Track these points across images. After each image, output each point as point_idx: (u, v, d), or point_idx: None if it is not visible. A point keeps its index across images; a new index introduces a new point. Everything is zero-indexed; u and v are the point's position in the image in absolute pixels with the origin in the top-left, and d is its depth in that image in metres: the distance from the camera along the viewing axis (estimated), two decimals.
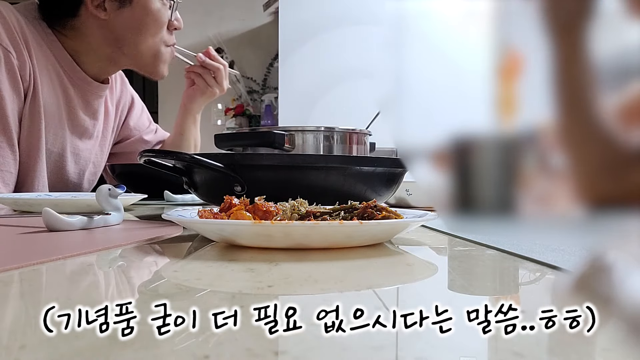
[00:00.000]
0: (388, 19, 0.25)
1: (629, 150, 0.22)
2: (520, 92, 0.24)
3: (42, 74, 0.95)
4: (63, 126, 1.01)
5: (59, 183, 1.04)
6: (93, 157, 1.12)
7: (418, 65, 0.26)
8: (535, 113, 0.24)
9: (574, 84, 0.23)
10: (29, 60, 0.92)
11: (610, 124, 0.22)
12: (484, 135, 0.24)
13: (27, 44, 0.92)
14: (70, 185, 1.07)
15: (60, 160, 1.03)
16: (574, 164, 0.23)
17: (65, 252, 0.36)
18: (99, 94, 1.07)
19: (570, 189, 0.23)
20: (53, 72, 0.98)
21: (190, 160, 0.60)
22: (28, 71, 0.92)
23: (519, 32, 0.24)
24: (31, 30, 0.94)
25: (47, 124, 0.97)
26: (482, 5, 0.25)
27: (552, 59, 0.23)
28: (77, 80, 1.02)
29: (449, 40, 0.26)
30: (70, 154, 1.05)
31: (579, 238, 0.34)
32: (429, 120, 0.26)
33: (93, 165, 1.13)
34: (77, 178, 1.09)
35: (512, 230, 0.25)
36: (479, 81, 0.24)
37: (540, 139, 0.23)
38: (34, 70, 0.93)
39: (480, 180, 0.25)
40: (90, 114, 1.07)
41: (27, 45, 0.92)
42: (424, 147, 0.25)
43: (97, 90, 1.06)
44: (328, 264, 0.35)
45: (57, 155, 1.02)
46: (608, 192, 0.23)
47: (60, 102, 0.99)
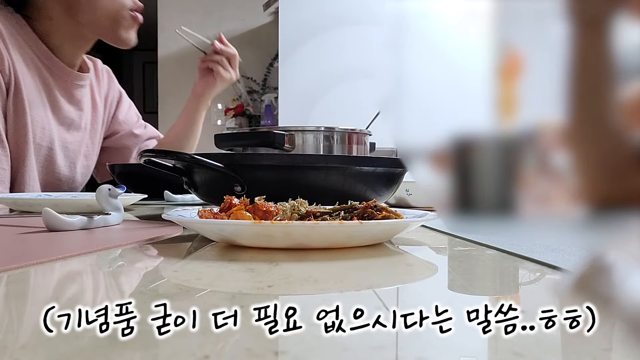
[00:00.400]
0: (388, 19, 0.25)
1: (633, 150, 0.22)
2: (521, 92, 0.23)
3: (21, 67, 0.95)
4: (49, 119, 1.01)
5: (51, 178, 1.04)
6: (84, 150, 1.11)
7: (418, 65, 0.26)
8: (535, 113, 0.24)
9: (590, 81, 0.22)
10: (7, 53, 0.92)
11: (618, 123, 0.22)
12: (484, 135, 0.24)
13: (2, 37, 0.92)
14: (62, 179, 1.07)
15: (50, 154, 1.03)
16: (578, 163, 0.23)
17: (65, 252, 0.36)
18: (78, 83, 1.07)
19: (572, 189, 0.23)
20: (32, 65, 0.98)
21: (190, 160, 0.60)
22: (7, 65, 0.92)
23: (519, 32, 0.24)
24: (5, 24, 0.94)
25: (33, 118, 0.97)
26: (482, 5, 0.25)
27: (572, 54, 0.22)
28: (56, 70, 1.02)
29: (449, 40, 0.26)
30: (59, 147, 1.04)
31: (579, 238, 0.34)
32: (429, 120, 0.26)
33: (85, 158, 1.12)
34: (69, 171, 1.08)
35: (512, 230, 0.25)
36: (479, 81, 0.24)
37: (540, 139, 0.23)
38: (12, 63, 0.93)
39: (480, 180, 0.25)
40: (74, 104, 1.06)
41: (3, 39, 0.92)
42: (424, 147, 0.25)
43: (76, 80, 1.06)
44: (328, 264, 0.35)
45: (46, 149, 1.01)
46: (610, 193, 0.23)
47: (42, 94, 0.99)
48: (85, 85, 1.09)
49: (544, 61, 0.23)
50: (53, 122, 1.02)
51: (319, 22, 2.47)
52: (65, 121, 1.05)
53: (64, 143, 1.05)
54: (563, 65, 0.23)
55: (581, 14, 0.22)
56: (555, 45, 0.23)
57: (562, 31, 0.23)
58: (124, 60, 5.36)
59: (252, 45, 3.28)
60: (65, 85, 1.04)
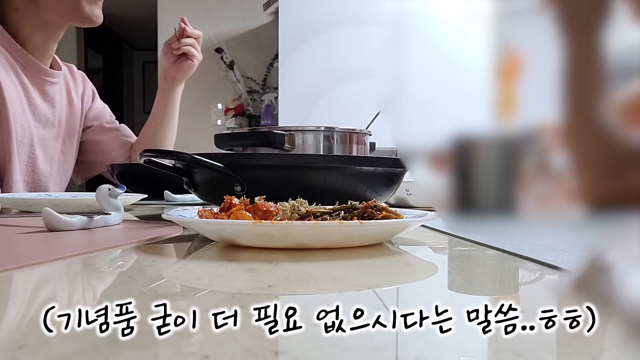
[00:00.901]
0: (388, 19, 0.25)
1: (631, 149, 0.22)
2: (520, 92, 0.23)
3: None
4: (27, 116, 1.02)
5: (34, 174, 1.05)
6: (60, 146, 1.12)
7: (418, 65, 0.26)
8: (535, 113, 0.24)
9: (584, 83, 0.22)
10: None
11: (614, 124, 0.22)
12: (484, 135, 0.24)
13: None
14: (47, 176, 1.08)
15: (32, 151, 1.03)
16: (576, 163, 0.23)
17: (65, 252, 0.36)
18: (51, 80, 1.07)
19: (572, 189, 0.23)
20: (7, 63, 0.98)
21: (190, 160, 0.60)
22: None
23: (519, 32, 0.24)
24: None
25: (14, 115, 0.98)
26: (482, 5, 0.25)
27: (564, 59, 0.23)
28: (30, 68, 1.02)
29: (449, 40, 0.26)
30: (39, 144, 1.05)
31: (579, 238, 0.34)
32: (429, 120, 0.26)
33: (62, 154, 1.13)
34: (50, 168, 1.09)
35: (512, 230, 0.25)
36: (479, 81, 0.24)
37: (540, 139, 0.23)
38: None
39: (480, 180, 0.25)
40: (47, 101, 1.07)
41: None
42: (424, 147, 0.25)
43: (49, 77, 1.07)
44: (328, 264, 0.35)
45: (27, 147, 1.02)
46: (609, 192, 0.23)
47: (19, 91, 1.00)
48: (57, 82, 1.10)
49: (544, 61, 0.23)
50: (31, 119, 1.03)
51: (319, 22, 2.47)
52: (42, 119, 1.06)
53: (42, 140, 1.06)
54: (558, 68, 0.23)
55: (571, 20, 0.23)
56: (554, 45, 0.23)
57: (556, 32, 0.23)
58: (124, 60, 5.36)
59: (252, 45, 3.28)
60: (38, 82, 1.05)
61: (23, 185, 1.02)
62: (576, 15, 0.22)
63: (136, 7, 4.46)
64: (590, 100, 0.22)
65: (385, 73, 0.25)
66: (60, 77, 1.10)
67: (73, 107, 1.15)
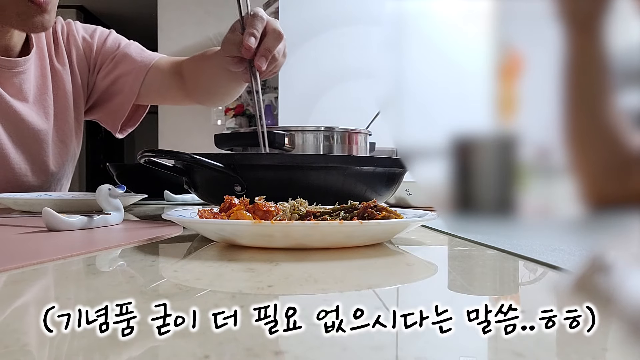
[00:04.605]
0: (388, 19, 0.25)
1: (633, 151, 0.22)
2: (520, 92, 0.23)
3: None
4: None
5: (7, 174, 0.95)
6: (52, 136, 1.01)
7: (418, 65, 0.26)
8: (535, 113, 0.24)
9: (587, 83, 0.22)
10: None
11: (617, 124, 0.22)
12: (484, 135, 0.24)
13: None
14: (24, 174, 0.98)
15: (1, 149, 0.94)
16: (578, 164, 0.23)
17: (65, 252, 0.36)
18: (19, 69, 0.97)
19: (572, 189, 0.23)
20: None
21: (190, 160, 0.59)
22: None
23: (519, 32, 0.24)
24: None
25: None
26: (482, 5, 0.25)
27: (566, 58, 0.23)
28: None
29: (449, 40, 0.26)
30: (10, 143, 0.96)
31: (579, 238, 0.34)
32: (429, 120, 0.26)
33: (61, 143, 1.02)
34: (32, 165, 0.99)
35: (512, 230, 0.25)
36: (479, 81, 0.24)
37: (541, 139, 0.23)
38: None
39: (480, 180, 0.25)
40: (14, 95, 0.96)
41: None
42: (424, 147, 0.25)
43: (16, 66, 0.97)
44: (328, 264, 0.35)
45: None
46: (610, 193, 0.23)
47: None
48: (25, 70, 0.98)
49: (544, 61, 0.23)
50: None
51: (319, 22, 2.47)
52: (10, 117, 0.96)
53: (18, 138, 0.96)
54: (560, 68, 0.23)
55: (573, 17, 0.22)
56: (554, 45, 0.23)
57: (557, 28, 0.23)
58: None
59: None
60: (9, 78, 0.96)
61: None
62: (578, 10, 0.22)
63: (136, 7, 4.46)
64: (593, 100, 0.22)
65: (385, 73, 0.25)
66: (27, 64, 0.98)
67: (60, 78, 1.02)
